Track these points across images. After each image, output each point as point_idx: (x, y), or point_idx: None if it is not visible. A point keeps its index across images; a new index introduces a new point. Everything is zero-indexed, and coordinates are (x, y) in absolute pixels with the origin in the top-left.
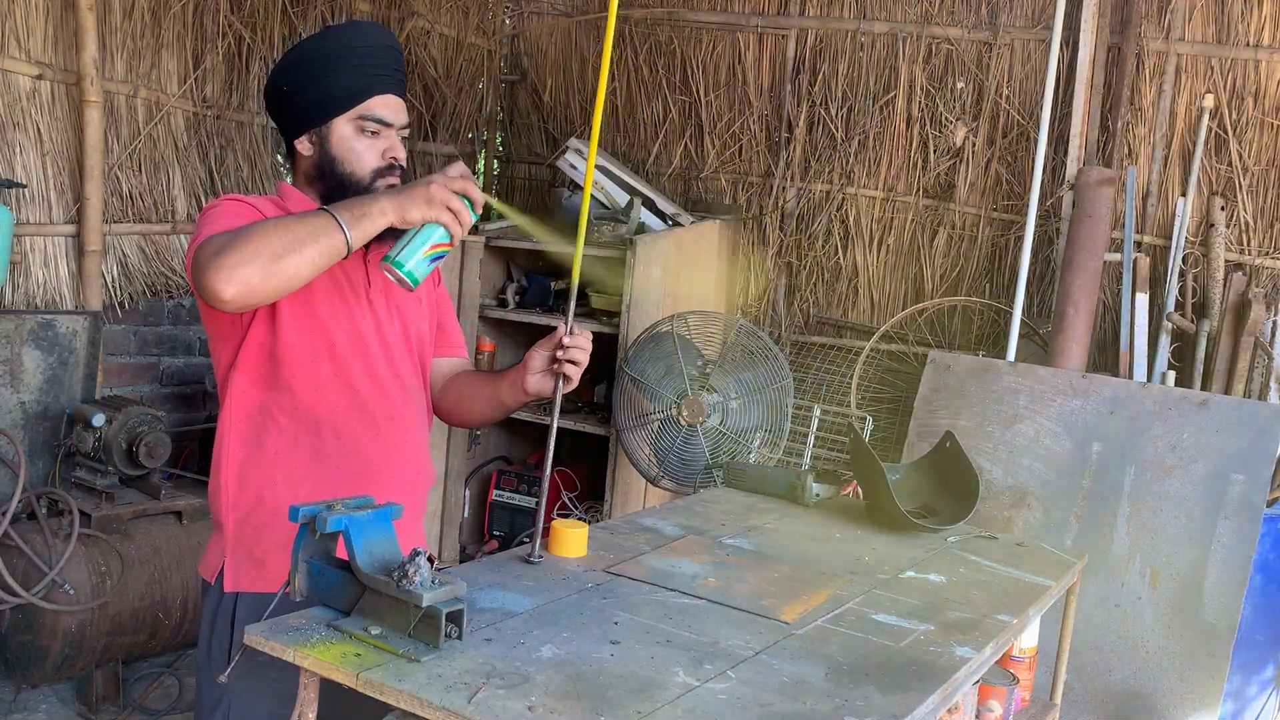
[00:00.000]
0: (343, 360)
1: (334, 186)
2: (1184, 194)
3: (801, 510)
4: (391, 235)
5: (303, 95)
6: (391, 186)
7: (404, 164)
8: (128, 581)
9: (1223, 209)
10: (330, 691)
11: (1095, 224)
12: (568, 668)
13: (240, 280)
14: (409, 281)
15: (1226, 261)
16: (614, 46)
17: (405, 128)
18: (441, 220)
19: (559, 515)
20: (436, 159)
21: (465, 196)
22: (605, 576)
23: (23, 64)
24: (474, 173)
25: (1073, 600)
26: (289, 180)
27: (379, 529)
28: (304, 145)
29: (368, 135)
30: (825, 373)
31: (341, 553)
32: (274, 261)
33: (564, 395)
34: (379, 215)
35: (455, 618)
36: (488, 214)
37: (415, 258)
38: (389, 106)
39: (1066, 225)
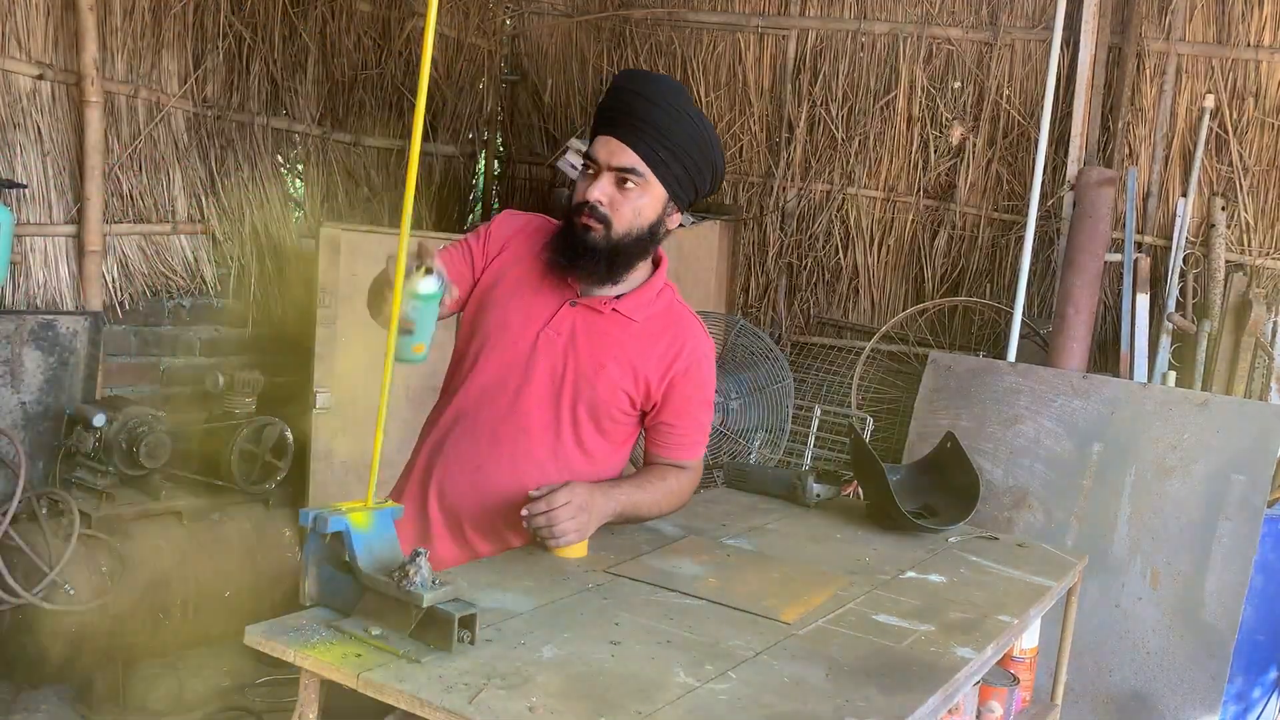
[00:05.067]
0: (479, 370)
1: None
2: (1184, 194)
3: (802, 511)
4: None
5: None
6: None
7: (602, 205)
8: (128, 581)
9: (1223, 209)
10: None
11: (1096, 224)
12: (568, 668)
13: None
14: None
15: (1227, 262)
16: (614, 47)
17: (622, 170)
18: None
19: None
20: (437, 159)
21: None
22: (606, 577)
23: (23, 64)
24: (474, 173)
25: (1073, 601)
26: None
27: (379, 530)
28: None
29: (585, 173)
30: (826, 373)
31: None
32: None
33: None
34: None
35: (468, 622)
36: (489, 213)
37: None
38: (605, 147)
39: (1067, 225)
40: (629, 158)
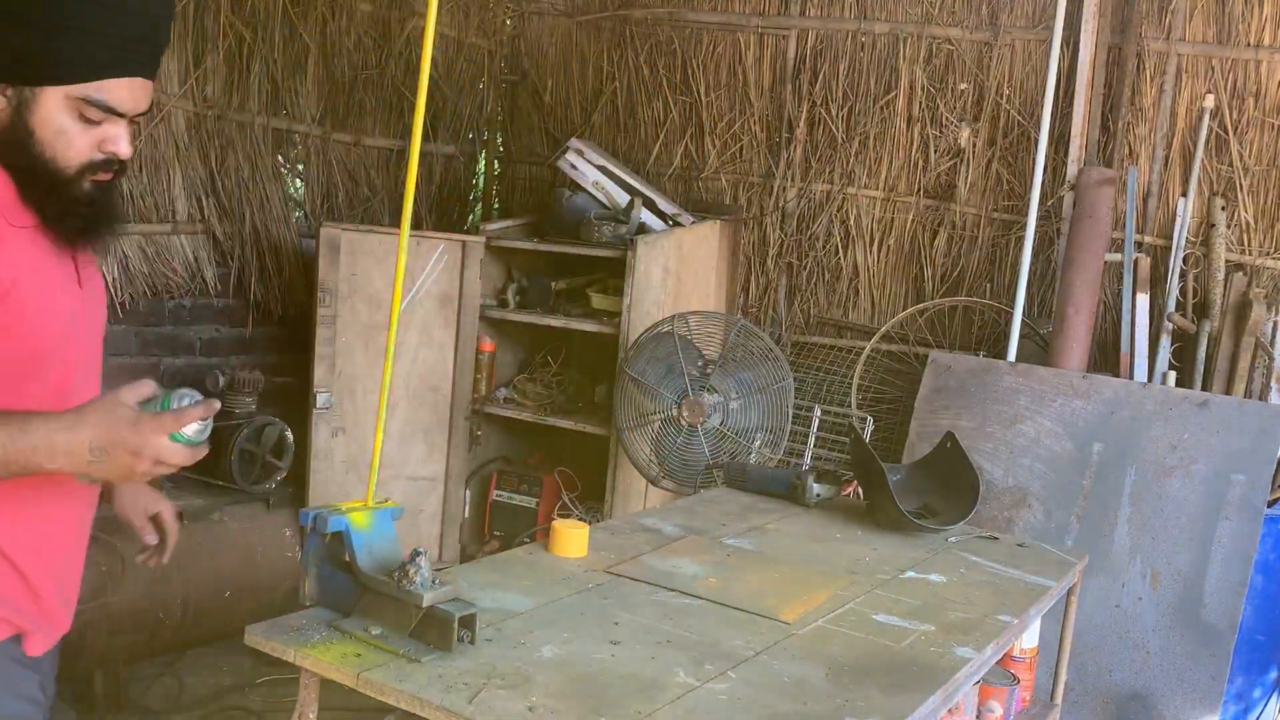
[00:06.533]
0: (49, 358)
1: (22, 168)
2: (1184, 194)
3: (802, 510)
4: None
5: (10, 37)
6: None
7: (126, 159)
8: (128, 581)
9: (1223, 209)
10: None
11: (1096, 224)
12: (568, 668)
13: None
14: None
15: (1227, 262)
16: (614, 46)
17: (143, 115)
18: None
19: (559, 515)
20: (437, 159)
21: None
22: (606, 576)
23: None
24: (474, 173)
25: (1073, 601)
26: None
27: (379, 529)
28: None
29: (85, 121)
30: (826, 373)
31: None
32: None
33: (560, 396)
34: (48, 461)
35: (468, 622)
36: (489, 213)
37: None
38: (131, 91)
39: (1067, 225)
40: (148, 99)
